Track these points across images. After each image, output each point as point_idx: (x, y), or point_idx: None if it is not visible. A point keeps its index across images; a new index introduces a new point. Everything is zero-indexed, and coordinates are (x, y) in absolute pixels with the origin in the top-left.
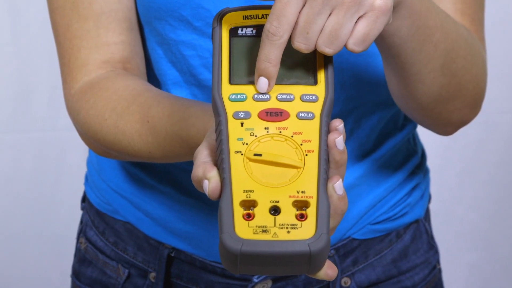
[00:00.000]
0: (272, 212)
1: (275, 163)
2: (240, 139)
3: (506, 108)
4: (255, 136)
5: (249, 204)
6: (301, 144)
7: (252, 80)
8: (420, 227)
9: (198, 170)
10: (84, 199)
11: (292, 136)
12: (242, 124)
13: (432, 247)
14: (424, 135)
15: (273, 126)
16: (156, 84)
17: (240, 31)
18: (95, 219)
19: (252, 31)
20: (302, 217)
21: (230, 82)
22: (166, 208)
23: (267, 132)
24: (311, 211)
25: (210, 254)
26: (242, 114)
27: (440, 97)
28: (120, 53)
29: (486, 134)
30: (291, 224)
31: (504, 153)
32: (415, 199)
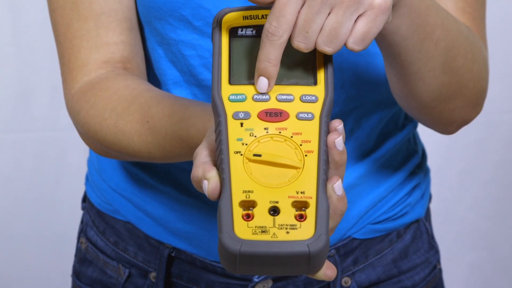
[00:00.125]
0: (272, 212)
1: (275, 163)
2: (239, 139)
3: (507, 108)
4: (255, 136)
5: (248, 205)
6: (300, 145)
7: (252, 80)
8: (420, 227)
9: (197, 170)
10: (85, 199)
11: (291, 137)
12: (241, 124)
13: (432, 247)
14: (424, 134)
15: (272, 127)
16: (157, 84)
17: (240, 31)
18: (96, 219)
19: (252, 31)
20: (301, 217)
21: (230, 83)
22: (167, 208)
23: (267, 132)
24: (311, 212)
25: (210, 254)
26: (241, 115)
27: (441, 95)
28: (120, 53)
29: (486, 134)
30: (290, 225)
31: (505, 152)
32: (415, 199)
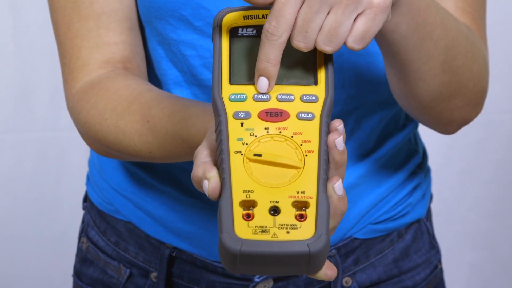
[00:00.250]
0: (272, 212)
1: (275, 163)
2: (240, 139)
3: (507, 107)
4: (255, 136)
5: (248, 204)
6: (301, 145)
7: (252, 80)
8: (421, 227)
9: (198, 170)
10: (86, 199)
11: (292, 137)
12: (242, 124)
13: (433, 247)
14: (425, 134)
15: (273, 127)
16: (157, 84)
17: (240, 31)
18: (97, 219)
19: (252, 31)
20: (301, 217)
21: (230, 82)
22: (167, 208)
23: (267, 132)
24: (311, 212)
25: (211, 254)
26: (242, 114)
27: (440, 95)
28: (121, 53)
29: (487, 134)
30: (291, 225)
31: (505, 152)
32: (416, 199)
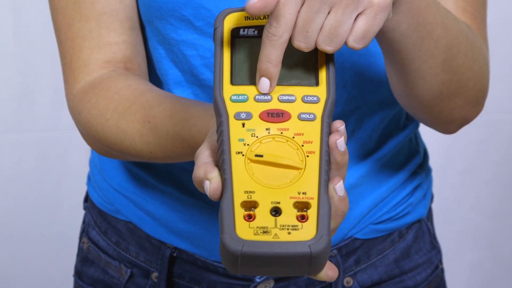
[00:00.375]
0: (273, 213)
1: (276, 164)
2: (241, 139)
3: (508, 107)
4: (256, 137)
5: (250, 205)
6: (302, 145)
7: (253, 81)
8: (422, 227)
9: (199, 171)
10: (87, 199)
11: (293, 137)
12: (243, 124)
13: (434, 247)
14: (426, 134)
15: (274, 127)
16: (158, 84)
17: (242, 32)
18: (98, 219)
19: (254, 31)
20: (303, 218)
21: (232, 83)
22: (168, 208)
23: (268, 133)
24: (312, 212)
25: (212, 254)
26: (243, 115)
27: (441, 94)
28: (122, 53)
29: (488, 134)
30: (292, 225)
31: (506, 152)
32: (417, 199)
